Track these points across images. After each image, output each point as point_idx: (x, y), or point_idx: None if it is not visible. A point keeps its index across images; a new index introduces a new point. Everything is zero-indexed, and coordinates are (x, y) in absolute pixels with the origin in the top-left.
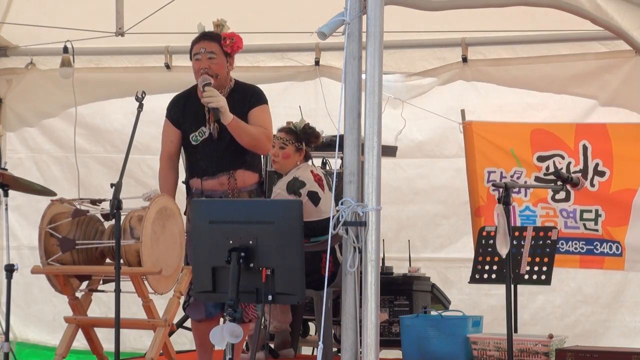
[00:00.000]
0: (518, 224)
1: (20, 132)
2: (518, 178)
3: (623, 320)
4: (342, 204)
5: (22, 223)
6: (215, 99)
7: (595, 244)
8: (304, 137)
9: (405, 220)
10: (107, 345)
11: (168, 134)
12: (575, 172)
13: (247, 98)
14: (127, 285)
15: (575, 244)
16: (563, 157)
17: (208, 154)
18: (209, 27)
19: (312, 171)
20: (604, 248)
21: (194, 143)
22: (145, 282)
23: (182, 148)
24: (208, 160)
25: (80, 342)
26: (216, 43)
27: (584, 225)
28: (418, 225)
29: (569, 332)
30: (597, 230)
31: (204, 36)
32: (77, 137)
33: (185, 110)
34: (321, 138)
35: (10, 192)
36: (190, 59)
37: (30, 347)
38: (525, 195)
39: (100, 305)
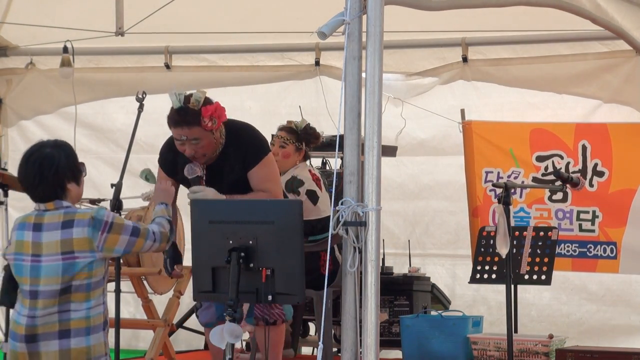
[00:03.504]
0: (511, 225)
1: (24, 133)
2: (515, 178)
3: (628, 319)
4: (342, 204)
5: None
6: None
7: (588, 246)
8: (304, 137)
9: (411, 217)
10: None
11: (164, 178)
12: (574, 172)
13: (241, 157)
14: (126, 285)
15: (568, 246)
16: (562, 157)
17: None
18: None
19: (310, 170)
20: (597, 250)
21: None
22: (145, 282)
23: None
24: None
25: None
26: (197, 126)
27: (580, 226)
28: (424, 222)
29: (573, 330)
30: (593, 231)
31: (181, 122)
32: (82, 138)
33: (176, 167)
34: (321, 139)
35: (18, 193)
36: (170, 127)
37: None
38: (521, 197)
39: None
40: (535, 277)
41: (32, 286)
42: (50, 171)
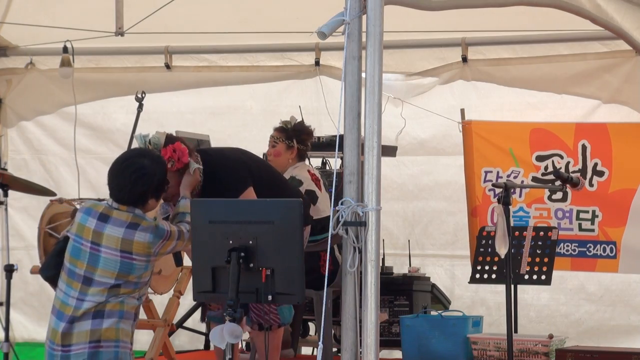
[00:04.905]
0: (511, 225)
1: (22, 132)
2: (515, 178)
3: (627, 319)
4: (342, 204)
5: (29, 224)
6: None
7: (588, 245)
8: (294, 135)
9: (410, 217)
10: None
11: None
12: (574, 171)
13: (220, 195)
14: None
15: (568, 245)
16: (562, 157)
17: None
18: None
19: (309, 170)
20: (597, 250)
21: None
22: None
23: None
24: None
25: None
26: None
27: (580, 225)
28: (423, 222)
29: (573, 330)
30: (593, 231)
31: None
32: (81, 138)
33: None
34: (313, 135)
35: (17, 193)
36: None
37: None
38: (520, 196)
39: None
40: (535, 277)
41: (87, 272)
42: (144, 186)
